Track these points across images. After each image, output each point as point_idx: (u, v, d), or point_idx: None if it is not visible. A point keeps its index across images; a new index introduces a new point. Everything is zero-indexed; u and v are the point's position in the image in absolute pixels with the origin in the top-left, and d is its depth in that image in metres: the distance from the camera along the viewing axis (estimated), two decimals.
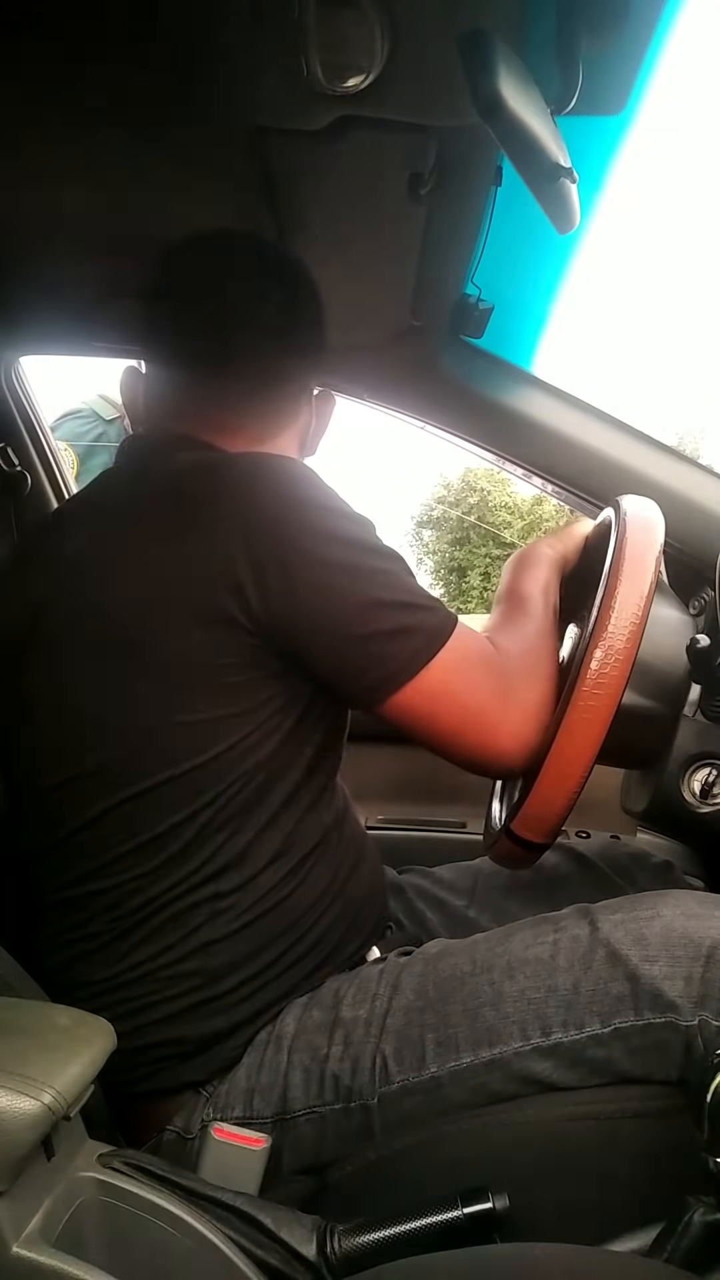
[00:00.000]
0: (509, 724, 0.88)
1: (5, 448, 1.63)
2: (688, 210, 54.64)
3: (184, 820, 0.85)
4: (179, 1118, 0.87)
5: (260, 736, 0.86)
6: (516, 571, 1.02)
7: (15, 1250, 0.56)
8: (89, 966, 0.88)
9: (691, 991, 0.78)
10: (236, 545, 0.82)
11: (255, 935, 0.88)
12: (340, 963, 0.94)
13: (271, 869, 0.88)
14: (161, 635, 0.83)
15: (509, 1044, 0.82)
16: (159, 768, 0.84)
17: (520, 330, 1.32)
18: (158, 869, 0.86)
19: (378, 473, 39.09)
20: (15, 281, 1.22)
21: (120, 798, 0.85)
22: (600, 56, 0.75)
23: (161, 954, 0.86)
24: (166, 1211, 0.64)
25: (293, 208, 1.00)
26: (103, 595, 0.86)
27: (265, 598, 0.82)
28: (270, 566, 0.82)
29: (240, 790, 0.86)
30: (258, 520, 0.83)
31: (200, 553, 0.82)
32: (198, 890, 0.86)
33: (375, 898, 1.02)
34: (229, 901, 0.87)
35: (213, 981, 0.87)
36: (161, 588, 0.83)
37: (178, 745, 0.84)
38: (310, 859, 0.92)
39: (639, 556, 0.87)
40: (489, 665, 0.89)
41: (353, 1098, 0.84)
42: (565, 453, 1.33)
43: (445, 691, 0.86)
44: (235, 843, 0.87)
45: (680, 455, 1.35)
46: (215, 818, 0.86)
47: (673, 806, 0.98)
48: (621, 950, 0.81)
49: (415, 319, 1.21)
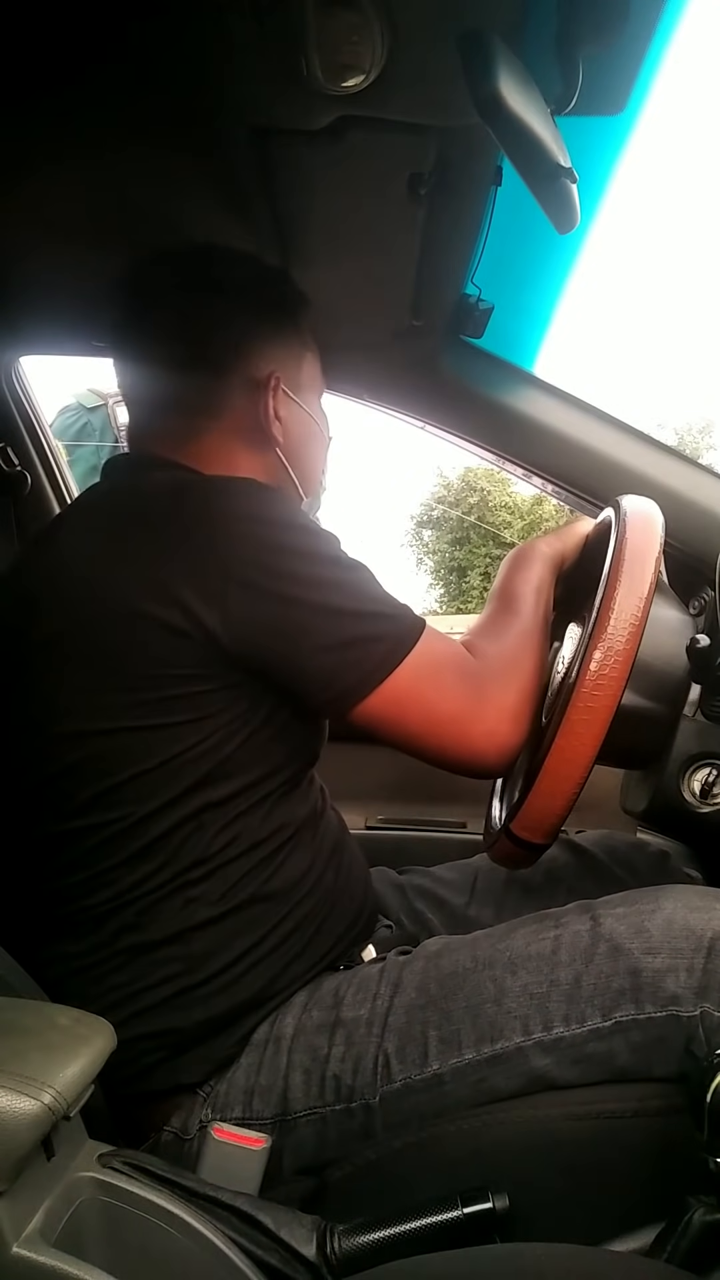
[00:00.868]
0: (483, 725, 0.88)
1: (5, 448, 1.63)
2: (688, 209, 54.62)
3: (149, 816, 0.86)
4: (176, 1118, 0.88)
5: (222, 738, 0.87)
6: (511, 569, 1.02)
7: (15, 1250, 0.56)
8: (72, 950, 0.89)
9: (693, 983, 0.79)
10: (196, 561, 0.83)
11: (230, 924, 0.89)
12: (324, 952, 0.95)
13: (240, 861, 0.89)
14: (123, 645, 0.84)
15: (511, 1039, 0.82)
16: (122, 768, 0.86)
17: (521, 330, 1.32)
18: (127, 862, 0.87)
19: (378, 473, 39.08)
20: (15, 281, 1.22)
21: (81, 799, 0.87)
22: (600, 56, 0.75)
23: (142, 942, 0.87)
24: (166, 1211, 0.64)
25: (293, 208, 1.00)
26: (73, 610, 0.87)
27: (225, 613, 0.83)
28: (230, 582, 0.83)
29: (204, 788, 0.87)
30: (218, 537, 0.84)
31: (162, 567, 0.84)
32: (169, 883, 0.87)
33: (356, 891, 1.02)
34: (199, 891, 0.88)
35: (193, 969, 0.87)
36: (125, 598, 0.84)
37: (133, 750, 0.86)
38: (282, 851, 0.92)
39: (639, 556, 0.87)
40: (459, 668, 0.89)
41: (354, 1098, 0.84)
42: (565, 453, 1.33)
43: (413, 697, 0.87)
44: (201, 837, 0.88)
45: (680, 455, 1.35)
46: (181, 814, 0.87)
47: (672, 806, 0.98)
48: (623, 943, 0.81)
49: (415, 319, 1.21)
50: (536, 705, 0.93)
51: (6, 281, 1.22)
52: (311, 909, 0.94)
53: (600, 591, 0.87)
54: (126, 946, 0.88)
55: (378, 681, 0.86)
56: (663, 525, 0.93)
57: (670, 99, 0.97)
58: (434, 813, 1.65)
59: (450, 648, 0.91)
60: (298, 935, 0.92)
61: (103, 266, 1.18)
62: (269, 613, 0.84)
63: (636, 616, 0.84)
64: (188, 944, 0.88)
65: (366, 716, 0.87)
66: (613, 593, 0.85)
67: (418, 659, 0.87)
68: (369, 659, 0.85)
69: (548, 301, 1.30)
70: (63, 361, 1.62)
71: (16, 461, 1.64)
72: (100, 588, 0.86)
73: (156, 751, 0.86)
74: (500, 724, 0.89)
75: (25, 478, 1.66)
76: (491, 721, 0.89)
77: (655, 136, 1.08)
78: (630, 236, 39.83)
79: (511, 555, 1.05)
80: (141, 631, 0.83)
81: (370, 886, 1.07)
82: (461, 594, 27.38)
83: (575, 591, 1.02)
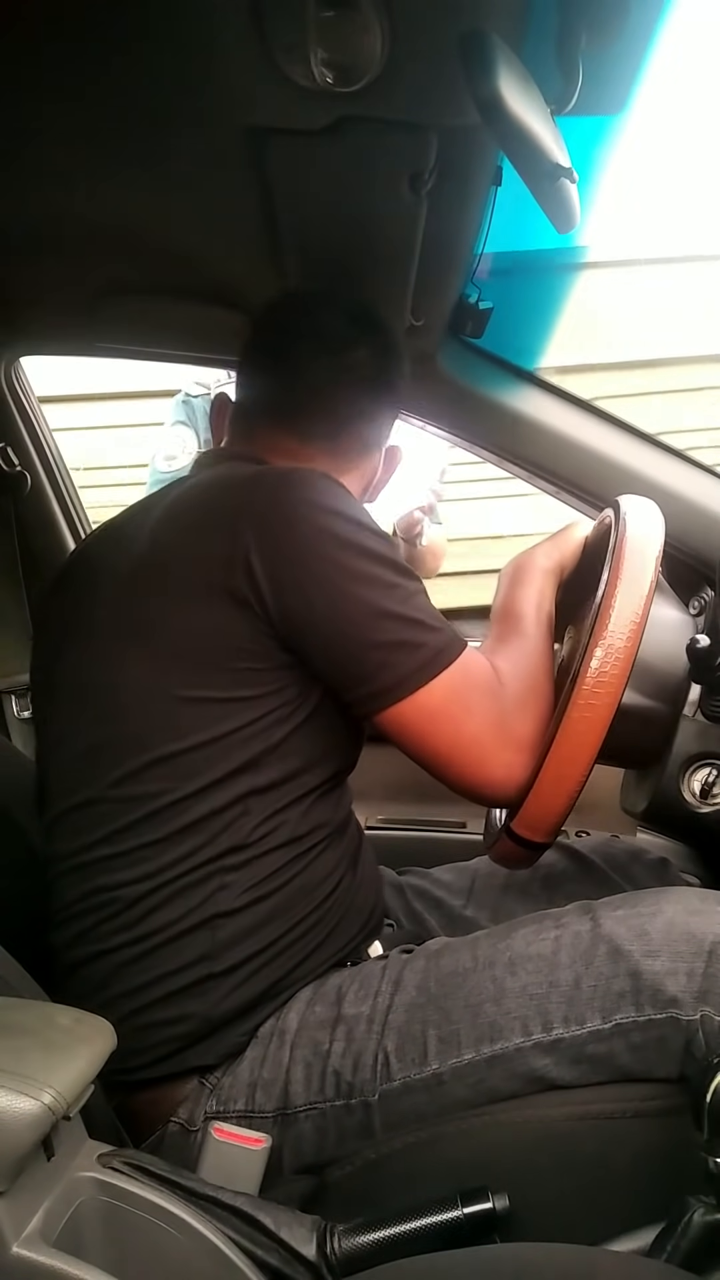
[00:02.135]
0: (503, 756, 0.88)
1: (5, 448, 1.63)
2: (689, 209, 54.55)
3: (194, 794, 0.87)
4: (183, 1109, 0.88)
5: (270, 723, 0.88)
6: (512, 585, 1.00)
7: (15, 1250, 0.56)
8: (103, 930, 0.89)
9: (693, 987, 0.79)
10: (257, 535, 0.85)
11: (259, 913, 0.89)
12: (336, 950, 0.95)
13: (277, 853, 0.90)
14: (182, 612, 0.87)
15: (510, 1040, 0.82)
16: (167, 740, 0.87)
17: (521, 330, 1.32)
18: (166, 840, 0.87)
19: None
20: (15, 281, 1.22)
21: (130, 768, 0.88)
22: (600, 56, 0.75)
23: (170, 924, 0.87)
24: (166, 1211, 0.64)
25: (292, 207, 1.00)
26: (142, 575, 0.91)
27: (278, 589, 0.84)
28: (285, 560, 0.85)
29: (250, 773, 0.88)
30: (280, 516, 0.87)
31: (223, 540, 0.86)
32: (203, 866, 0.87)
33: (372, 890, 1.03)
34: (232, 878, 0.88)
35: (216, 956, 0.88)
36: (188, 567, 0.88)
37: (186, 720, 0.87)
38: (317, 848, 0.93)
39: (639, 556, 0.87)
40: (491, 695, 0.89)
41: (354, 1094, 0.84)
42: (565, 453, 1.33)
43: (444, 713, 0.87)
44: (244, 823, 0.88)
45: (680, 455, 1.35)
46: (226, 797, 0.87)
47: (672, 806, 0.98)
48: (624, 946, 0.81)
49: (415, 319, 1.21)
50: (545, 737, 0.91)
51: (6, 281, 1.22)
52: (331, 907, 0.94)
53: (600, 592, 0.87)
54: (154, 929, 0.88)
55: (412, 689, 0.86)
56: (663, 526, 0.93)
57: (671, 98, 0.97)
58: (434, 813, 1.65)
59: (487, 673, 0.90)
60: (315, 932, 0.93)
61: (103, 266, 1.18)
62: (321, 598, 0.85)
63: (637, 616, 0.84)
64: (214, 931, 0.88)
65: (394, 722, 0.88)
66: (613, 593, 0.85)
67: (454, 676, 0.87)
68: (408, 664, 0.86)
69: (548, 301, 1.30)
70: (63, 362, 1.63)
71: (16, 461, 1.65)
72: (170, 552, 0.89)
73: (209, 726, 0.86)
74: (518, 755, 0.88)
75: (25, 478, 1.66)
76: (511, 754, 0.88)
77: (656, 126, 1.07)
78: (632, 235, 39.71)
79: (510, 569, 1.03)
80: (205, 596, 0.86)
81: (381, 888, 1.08)
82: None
83: (575, 592, 1.02)
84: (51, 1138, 0.60)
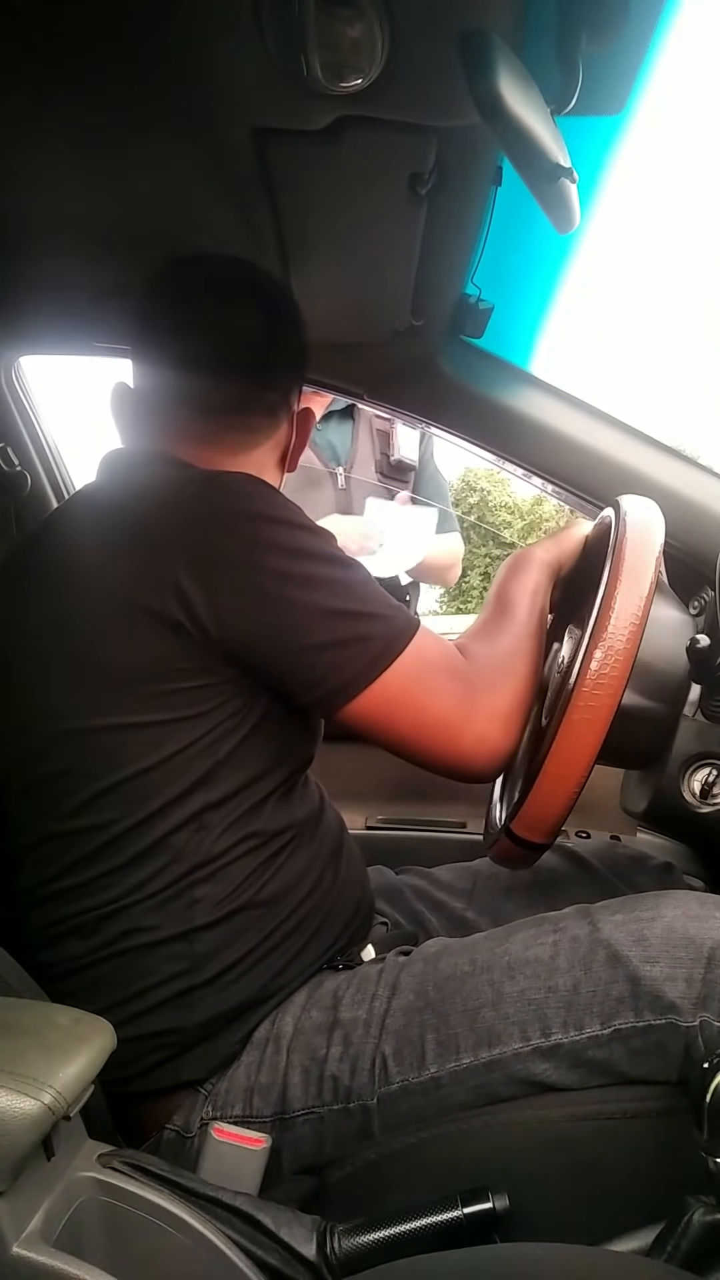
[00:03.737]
0: (472, 729, 0.88)
1: (5, 448, 1.63)
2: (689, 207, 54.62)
3: (150, 817, 0.86)
4: (178, 1116, 0.88)
5: (217, 737, 0.87)
6: (508, 574, 1.02)
7: (15, 1250, 0.56)
8: (75, 951, 0.89)
9: (692, 992, 0.78)
10: (187, 555, 0.83)
11: (236, 923, 0.89)
12: (323, 951, 0.95)
13: (243, 862, 0.89)
14: (113, 641, 0.85)
15: (509, 1045, 0.82)
16: (114, 769, 0.86)
17: (520, 330, 1.32)
18: (128, 864, 0.87)
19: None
20: (15, 281, 1.22)
21: (80, 799, 0.87)
22: (600, 56, 0.75)
23: (147, 941, 0.87)
24: (166, 1211, 0.64)
25: (293, 208, 1.00)
26: (66, 604, 0.87)
27: (217, 606, 0.83)
28: (217, 578, 0.83)
29: (203, 789, 0.87)
30: (206, 533, 0.84)
31: (148, 562, 0.84)
32: (173, 884, 0.87)
33: (353, 892, 1.02)
34: (203, 891, 0.88)
35: (196, 968, 0.87)
36: (114, 595, 0.84)
37: (130, 747, 0.85)
38: (286, 850, 0.92)
39: (639, 557, 0.87)
40: (451, 671, 0.89)
41: (352, 1098, 0.84)
42: (565, 453, 1.33)
43: (403, 698, 0.87)
44: (204, 838, 0.87)
45: (680, 455, 1.35)
46: (182, 815, 0.86)
47: (673, 806, 0.98)
48: (622, 951, 0.81)
49: (415, 319, 1.21)
50: (529, 711, 0.92)
51: (6, 281, 1.21)
52: (312, 909, 0.94)
53: (600, 592, 0.87)
54: (130, 947, 0.87)
55: (367, 682, 0.85)
56: (663, 525, 0.93)
57: (671, 98, 0.97)
58: (434, 813, 1.65)
59: (443, 651, 0.90)
60: (298, 935, 0.92)
61: (103, 266, 1.18)
62: (261, 608, 0.84)
63: (637, 616, 0.84)
64: (191, 944, 0.87)
65: (356, 717, 0.87)
66: (613, 593, 0.85)
67: (408, 661, 0.86)
68: (358, 659, 0.85)
69: (542, 300, 1.30)
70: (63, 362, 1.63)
71: (16, 461, 1.64)
72: (93, 578, 0.86)
73: (153, 750, 0.85)
74: (490, 729, 0.88)
75: (25, 478, 1.66)
76: (481, 727, 0.88)
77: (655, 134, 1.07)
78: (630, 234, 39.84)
79: (509, 561, 1.04)
80: (134, 623, 0.83)
81: (367, 886, 1.07)
82: (461, 594, 27.36)
83: (575, 592, 1.02)
84: (52, 1138, 0.60)
